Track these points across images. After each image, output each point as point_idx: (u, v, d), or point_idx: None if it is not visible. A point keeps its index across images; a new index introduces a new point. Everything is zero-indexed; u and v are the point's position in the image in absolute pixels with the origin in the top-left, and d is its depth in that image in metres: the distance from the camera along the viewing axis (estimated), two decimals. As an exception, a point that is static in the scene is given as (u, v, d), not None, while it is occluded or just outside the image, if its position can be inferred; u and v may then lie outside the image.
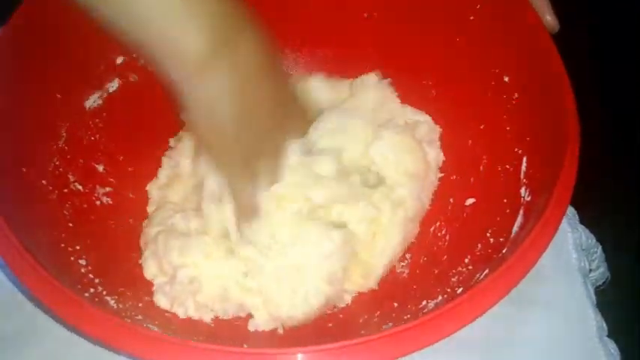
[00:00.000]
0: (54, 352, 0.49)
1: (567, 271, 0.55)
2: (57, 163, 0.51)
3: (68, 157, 0.52)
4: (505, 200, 0.48)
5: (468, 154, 0.55)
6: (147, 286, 0.49)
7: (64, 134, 0.52)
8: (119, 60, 0.57)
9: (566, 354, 0.51)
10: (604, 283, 0.62)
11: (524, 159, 0.48)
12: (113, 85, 0.57)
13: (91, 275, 0.46)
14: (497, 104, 0.53)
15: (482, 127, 0.55)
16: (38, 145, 0.49)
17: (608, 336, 0.53)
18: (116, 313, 0.43)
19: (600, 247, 0.60)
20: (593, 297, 0.54)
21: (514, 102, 0.51)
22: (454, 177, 0.56)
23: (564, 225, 0.57)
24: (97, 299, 0.43)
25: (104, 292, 0.45)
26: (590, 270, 0.59)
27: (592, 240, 0.59)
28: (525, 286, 0.51)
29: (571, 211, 0.59)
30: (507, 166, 0.50)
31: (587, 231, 0.59)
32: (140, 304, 0.47)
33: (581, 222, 0.59)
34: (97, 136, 0.55)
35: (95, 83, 0.56)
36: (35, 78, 0.49)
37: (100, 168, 0.55)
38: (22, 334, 0.49)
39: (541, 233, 0.38)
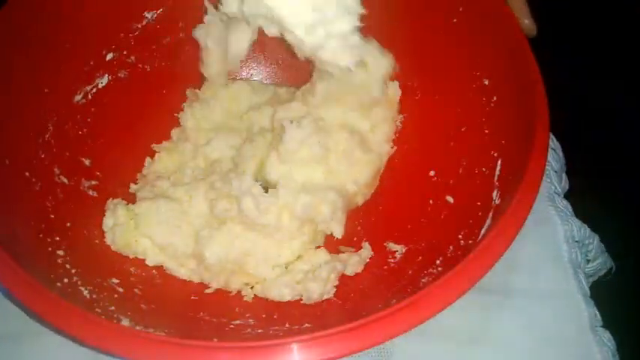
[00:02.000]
0: (52, 351, 0.49)
1: (557, 263, 0.55)
2: (42, 156, 0.52)
3: (54, 150, 0.53)
4: (479, 203, 0.48)
5: (449, 155, 0.55)
6: (125, 277, 0.50)
7: (51, 128, 0.53)
8: (109, 56, 0.59)
9: (556, 344, 0.51)
10: (608, 273, 0.62)
11: (499, 162, 0.48)
12: (102, 81, 0.58)
13: (67, 266, 0.47)
14: (477, 107, 0.53)
15: (463, 129, 0.55)
16: (23, 138, 0.51)
17: (603, 326, 0.53)
18: (88, 303, 0.44)
19: (597, 238, 0.60)
20: (586, 288, 0.55)
21: (492, 105, 0.51)
22: (435, 178, 0.56)
23: (555, 218, 0.58)
24: (69, 289, 0.44)
25: (79, 283, 0.46)
26: (588, 261, 0.60)
27: (586, 231, 0.59)
28: (515, 278, 0.53)
29: (563, 204, 0.60)
30: (483, 169, 0.50)
31: (579, 223, 0.59)
32: (115, 295, 0.48)
33: (576, 214, 0.60)
34: (85, 130, 0.56)
35: (85, 78, 0.57)
36: (23, 72, 0.51)
37: (87, 162, 0.56)
38: (19, 334, 0.50)
39: (499, 235, 0.38)
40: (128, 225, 0.53)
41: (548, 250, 0.56)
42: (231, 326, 0.48)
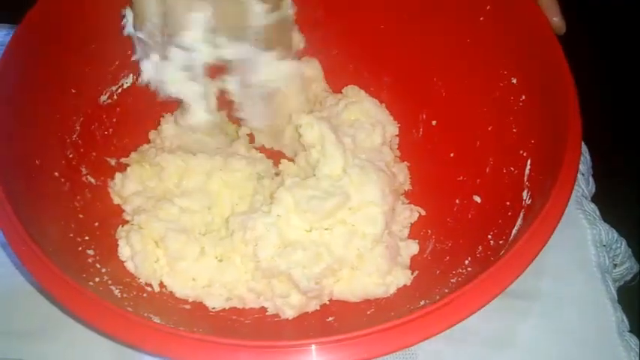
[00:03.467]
0: (77, 347, 0.50)
1: (585, 268, 0.55)
2: (70, 156, 0.52)
3: (81, 150, 0.54)
4: (508, 203, 0.48)
5: (476, 155, 0.55)
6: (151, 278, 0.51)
7: (78, 128, 0.54)
8: (134, 56, 0.59)
9: (583, 348, 0.51)
10: (635, 277, 0.62)
11: (529, 162, 0.48)
12: (127, 81, 0.58)
13: (97, 265, 0.47)
14: (504, 106, 0.52)
15: (490, 128, 0.54)
16: (52, 139, 0.51)
17: (630, 331, 0.53)
18: (119, 302, 0.45)
19: (624, 242, 0.59)
20: (614, 292, 0.55)
21: (521, 104, 0.51)
22: (461, 178, 0.56)
23: (583, 222, 0.57)
24: (101, 288, 0.44)
25: (109, 282, 0.46)
26: (615, 265, 0.59)
27: (614, 235, 0.58)
28: (542, 282, 0.53)
29: (591, 207, 0.59)
30: (512, 169, 0.50)
31: (607, 226, 0.58)
32: (144, 295, 0.48)
33: (603, 218, 0.59)
34: (110, 130, 0.57)
35: (110, 79, 0.57)
36: (51, 73, 0.51)
37: (112, 162, 0.56)
38: (44, 328, 0.51)
39: (533, 237, 0.38)
40: (146, 252, 0.51)
41: (575, 254, 0.56)
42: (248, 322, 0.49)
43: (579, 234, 0.57)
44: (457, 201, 0.55)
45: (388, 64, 0.62)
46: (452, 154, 0.58)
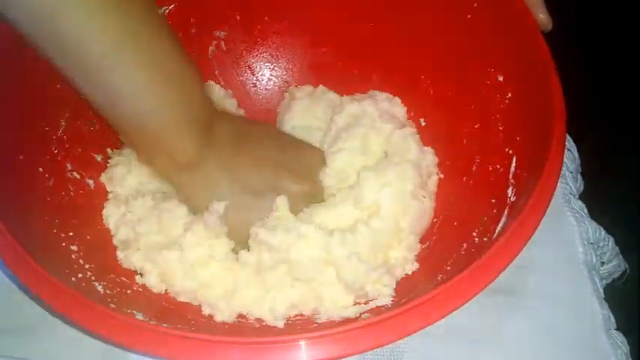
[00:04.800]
0: (65, 345, 0.50)
1: (572, 265, 0.55)
2: (55, 151, 0.52)
3: (67, 146, 0.53)
4: (493, 200, 0.48)
5: (463, 153, 0.55)
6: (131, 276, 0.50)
7: (64, 124, 0.53)
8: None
9: (569, 346, 0.51)
10: (622, 276, 0.62)
11: (514, 159, 0.48)
12: (114, 78, 0.58)
13: (81, 261, 0.47)
14: (491, 103, 0.52)
15: (477, 126, 0.54)
16: (36, 134, 0.51)
17: (617, 329, 0.53)
18: (102, 299, 0.44)
19: (612, 240, 0.60)
20: (601, 290, 0.55)
21: (507, 101, 0.51)
22: (448, 175, 0.56)
23: (570, 219, 0.58)
24: (83, 284, 0.44)
25: (93, 278, 0.46)
26: (603, 263, 0.59)
27: (601, 233, 0.59)
28: (529, 279, 0.53)
29: (578, 205, 0.59)
30: (498, 166, 0.50)
31: (594, 224, 0.58)
32: (128, 291, 0.48)
33: (591, 216, 0.59)
34: (97, 126, 0.56)
35: (96, 75, 0.57)
36: (37, 68, 0.51)
37: (99, 158, 0.56)
38: (32, 327, 0.50)
39: (515, 234, 0.38)
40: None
41: (563, 252, 0.56)
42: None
43: (567, 231, 0.57)
44: (444, 201, 0.55)
45: (377, 61, 0.62)
46: (440, 154, 0.58)
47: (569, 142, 0.64)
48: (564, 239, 0.56)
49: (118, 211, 0.53)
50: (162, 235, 0.50)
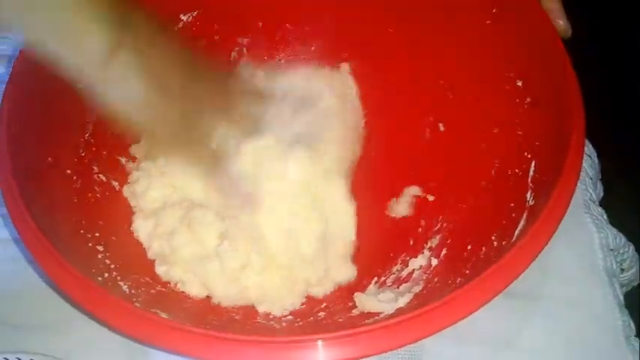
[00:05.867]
0: (88, 340, 0.50)
1: (593, 271, 0.55)
2: (83, 154, 0.54)
3: (94, 149, 0.55)
4: (512, 204, 0.48)
5: (482, 157, 0.55)
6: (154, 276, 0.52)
7: (91, 127, 0.55)
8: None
9: (589, 352, 0.51)
10: None
11: (533, 163, 0.48)
12: (140, 84, 0.60)
13: (107, 261, 0.48)
14: (510, 108, 0.53)
15: (495, 130, 0.55)
16: (65, 137, 0.52)
17: (637, 336, 0.53)
18: (127, 297, 0.46)
19: (632, 247, 0.60)
20: (621, 297, 0.55)
21: (526, 106, 0.51)
22: (468, 180, 0.56)
23: (590, 225, 0.58)
24: (109, 283, 0.45)
25: (118, 278, 0.47)
26: (622, 270, 0.59)
27: (621, 240, 0.58)
28: (550, 285, 0.53)
29: (598, 211, 0.59)
30: (517, 170, 0.50)
31: (614, 231, 0.58)
32: (152, 291, 0.49)
33: (612, 223, 0.59)
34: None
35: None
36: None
37: (123, 160, 0.58)
38: (58, 323, 0.51)
39: (533, 238, 0.38)
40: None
41: (583, 258, 0.56)
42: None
43: (587, 238, 0.57)
44: (463, 205, 0.55)
45: (398, 66, 0.62)
46: (458, 158, 0.58)
47: (589, 148, 0.64)
48: (584, 245, 0.56)
49: (146, 224, 0.54)
50: (199, 246, 0.51)
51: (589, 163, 0.63)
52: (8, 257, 0.54)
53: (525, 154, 0.50)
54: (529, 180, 0.48)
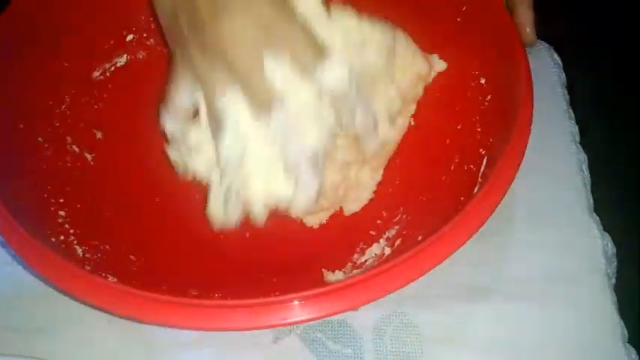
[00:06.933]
0: (88, 339, 0.51)
1: (595, 275, 0.55)
2: (57, 124, 0.56)
3: (69, 120, 0.57)
4: (462, 198, 0.49)
5: (445, 153, 0.56)
6: (120, 245, 0.53)
7: (68, 100, 0.57)
8: (129, 37, 0.62)
9: (590, 355, 0.51)
10: None
11: (485, 159, 0.49)
12: (121, 60, 0.62)
13: (66, 225, 0.50)
14: (473, 105, 0.53)
15: (459, 127, 0.55)
16: (40, 106, 0.54)
17: (628, 342, 0.53)
18: (80, 261, 0.47)
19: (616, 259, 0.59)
20: (616, 303, 0.55)
21: (487, 104, 0.52)
22: (430, 176, 0.57)
23: (594, 231, 0.58)
24: (63, 246, 0.47)
25: (75, 242, 0.49)
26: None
27: (613, 250, 0.58)
28: (550, 288, 0.53)
29: (594, 218, 0.59)
30: (472, 166, 0.51)
31: (607, 236, 0.58)
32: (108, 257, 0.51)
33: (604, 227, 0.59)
34: (100, 104, 0.60)
35: (104, 57, 0.61)
36: (45, 45, 0.55)
37: (99, 134, 0.60)
38: (46, 327, 0.52)
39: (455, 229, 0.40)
40: None
41: (585, 262, 0.56)
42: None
43: (590, 242, 0.57)
44: (423, 198, 0.56)
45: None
46: (425, 152, 0.59)
47: (582, 154, 0.64)
48: (589, 249, 0.56)
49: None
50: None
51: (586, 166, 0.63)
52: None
53: (480, 150, 0.50)
54: (479, 175, 0.49)
